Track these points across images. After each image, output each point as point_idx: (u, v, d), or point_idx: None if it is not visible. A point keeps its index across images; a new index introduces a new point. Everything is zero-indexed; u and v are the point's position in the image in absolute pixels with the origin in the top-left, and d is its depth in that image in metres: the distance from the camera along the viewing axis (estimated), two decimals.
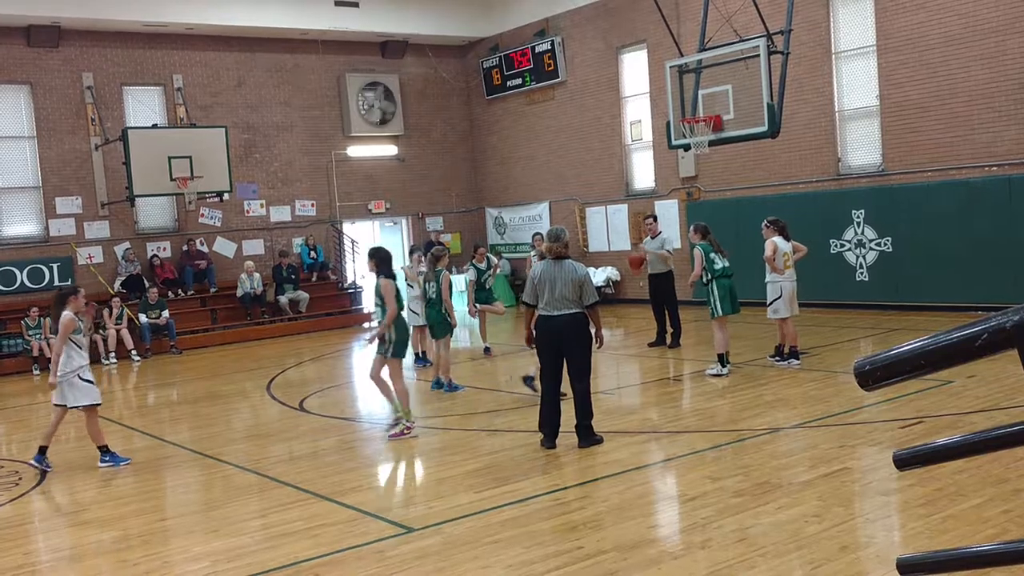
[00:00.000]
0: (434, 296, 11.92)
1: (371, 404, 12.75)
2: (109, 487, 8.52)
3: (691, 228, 12.14)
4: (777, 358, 12.06)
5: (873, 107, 16.69)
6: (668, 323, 14.38)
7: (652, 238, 14.61)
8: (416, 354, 14.00)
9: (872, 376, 1.66)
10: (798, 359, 11.93)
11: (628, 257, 15.02)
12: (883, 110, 16.45)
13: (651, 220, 14.85)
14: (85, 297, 9.49)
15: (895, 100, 16.21)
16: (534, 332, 8.56)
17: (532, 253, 15.36)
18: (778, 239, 11.88)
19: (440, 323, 11.95)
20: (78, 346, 9.03)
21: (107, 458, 9.10)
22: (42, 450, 9.15)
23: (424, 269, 14.61)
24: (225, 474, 8.62)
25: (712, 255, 11.57)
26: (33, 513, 8.07)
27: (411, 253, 15.24)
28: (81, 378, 8.97)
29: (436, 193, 24.78)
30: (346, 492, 7.54)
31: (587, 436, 8.41)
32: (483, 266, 15.09)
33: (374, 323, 9.21)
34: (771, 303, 11.88)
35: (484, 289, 14.97)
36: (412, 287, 13.72)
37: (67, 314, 8.94)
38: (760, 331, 14.04)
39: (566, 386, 8.53)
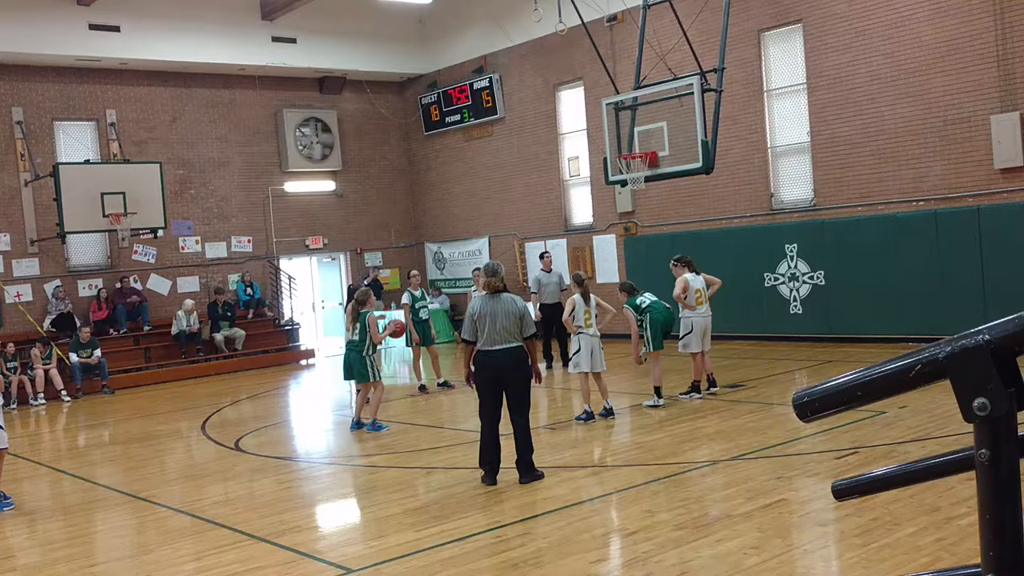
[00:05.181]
0: (356, 339, 11.84)
1: (308, 443, 12.58)
2: (37, 532, 8.27)
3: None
4: (694, 394, 12.10)
5: (804, 143, 17.06)
6: (562, 349, 15.63)
7: (548, 271, 16.43)
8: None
9: (810, 408, 1.68)
10: (699, 392, 12.05)
11: (395, 325, 13.34)
12: (814, 146, 16.83)
13: (547, 255, 17.00)
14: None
15: (825, 137, 16.59)
16: (473, 368, 8.54)
17: (473, 289, 15.37)
18: (689, 276, 12.01)
19: (360, 367, 11.75)
20: None
21: None
22: None
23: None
24: (159, 516, 8.41)
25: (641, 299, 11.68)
26: None
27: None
28: None
29: (375, 228, 24.70)
30: (283, 533, 7.41)
31: (528, 471, 8.39)
32: (418, 293, 14.97)
33: None
34: (682, 338, 12.04)
35: (422, 321, 14.84)
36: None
37: None
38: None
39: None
